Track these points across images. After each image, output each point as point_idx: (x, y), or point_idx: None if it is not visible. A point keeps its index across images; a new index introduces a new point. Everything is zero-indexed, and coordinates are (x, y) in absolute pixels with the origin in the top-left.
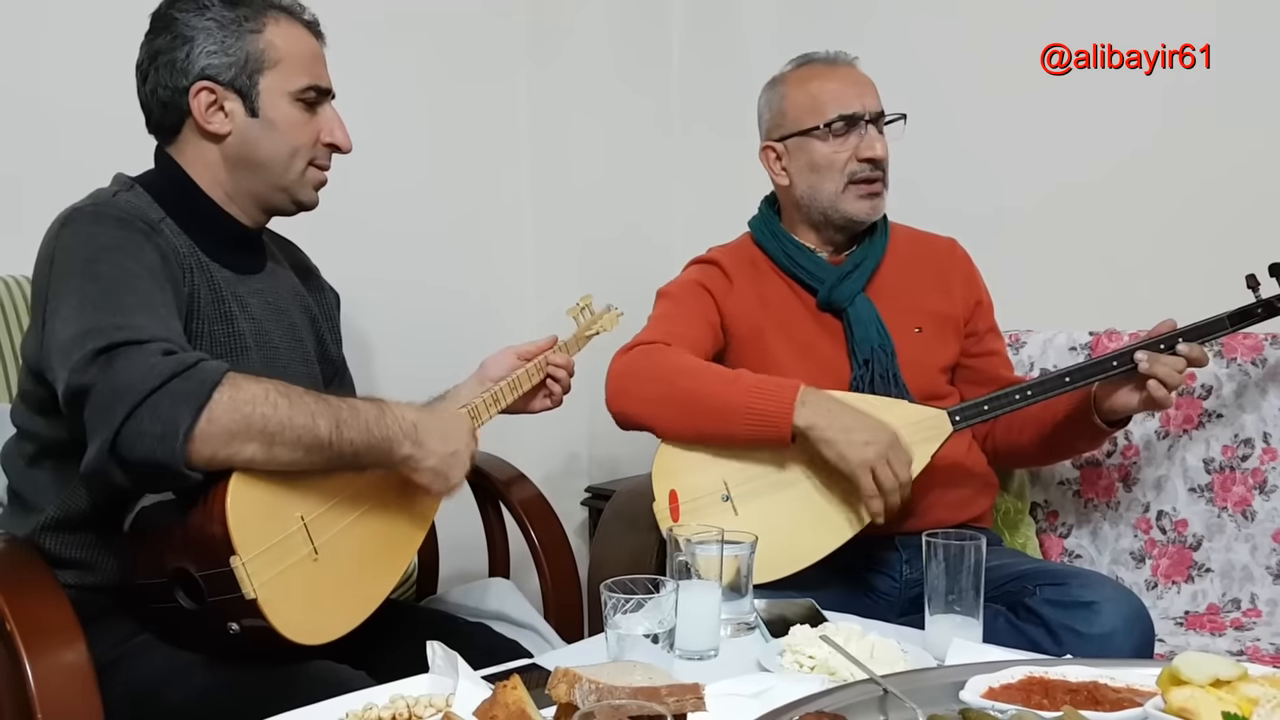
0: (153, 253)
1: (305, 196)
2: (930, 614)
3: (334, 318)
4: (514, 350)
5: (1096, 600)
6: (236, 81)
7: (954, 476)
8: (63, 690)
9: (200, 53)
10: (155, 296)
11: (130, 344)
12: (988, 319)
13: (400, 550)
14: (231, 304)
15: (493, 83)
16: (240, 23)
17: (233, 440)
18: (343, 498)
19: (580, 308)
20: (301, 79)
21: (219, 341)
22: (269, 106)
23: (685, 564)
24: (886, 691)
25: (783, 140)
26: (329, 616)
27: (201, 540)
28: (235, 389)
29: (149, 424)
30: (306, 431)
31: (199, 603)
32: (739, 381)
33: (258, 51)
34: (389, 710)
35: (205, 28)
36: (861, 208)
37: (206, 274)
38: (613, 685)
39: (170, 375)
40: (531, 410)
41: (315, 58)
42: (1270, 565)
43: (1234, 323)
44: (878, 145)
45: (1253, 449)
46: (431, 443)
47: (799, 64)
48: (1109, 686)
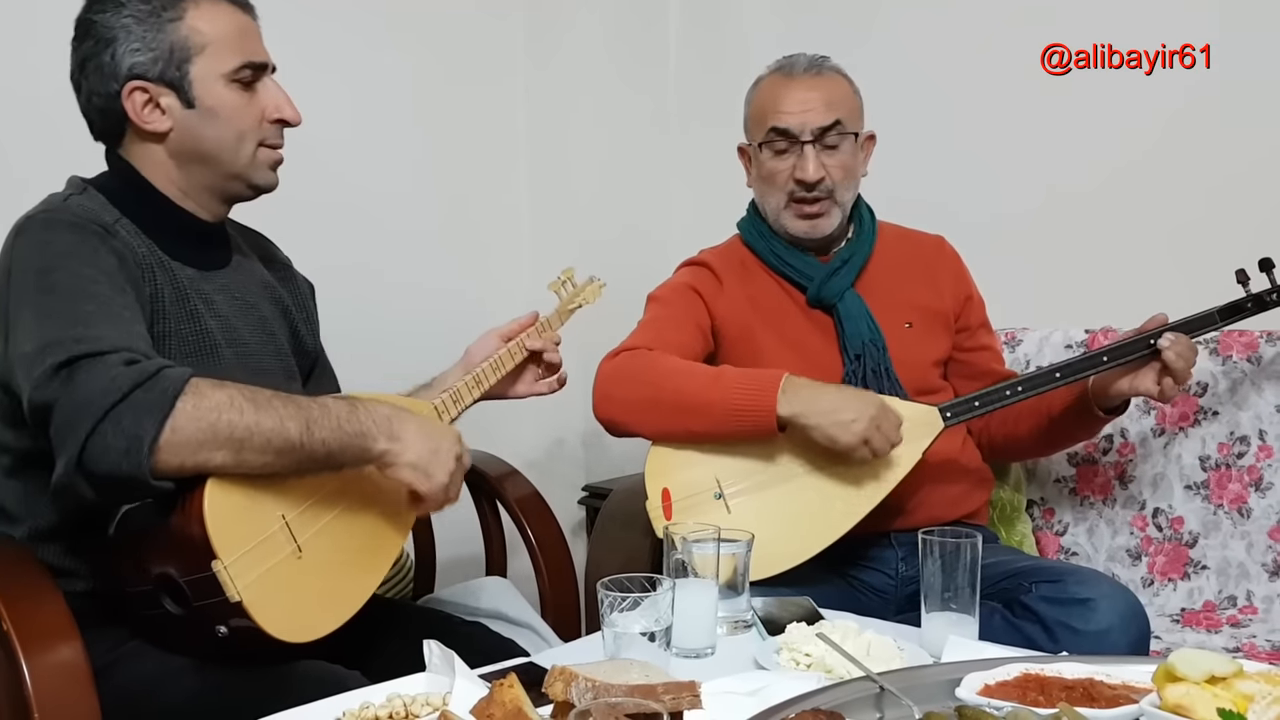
0: (109, 255)
1: (261, 179)
2: (926, 611)
3: (308, 308)
4: (496, 332)
5: (1093, 597)
6: (166, 75)
7: (948, 472)
8: (60, 690)
9: (124, 52)
10: (115, 301)
11: (90, 356)
12: (979, 314)
13: (386, 544)
14: (196, 302)
15: (490, 83)
16: (158, 14)
17: (200, 449)
18: (324, 493)
19: (562, 281)
20: (233, 59)
21: (186, 341)
22: (205, 94)
23: (682, 562)
24: (883, 689)
25: (752, 145)
26: (317, 614)
27: (182, 546)
28: (199, 396)
29: (113, 438)
30: (276, 435)
31: (185, 608)
32: (721, 378)
33: (181, 40)
34: (386, 709)
35: (124, 25)
36: (799, 226)
37: (169, 273)
38: (609, 683)
39: (132, 386)
40: (520, 395)
41: (245, 33)
42: (1266, 562)
43: (1224, 318)
44: (810, 167)
45: (1248, 446)
46: (408, 437)
47: (770, 70)
48: (1105, 683)
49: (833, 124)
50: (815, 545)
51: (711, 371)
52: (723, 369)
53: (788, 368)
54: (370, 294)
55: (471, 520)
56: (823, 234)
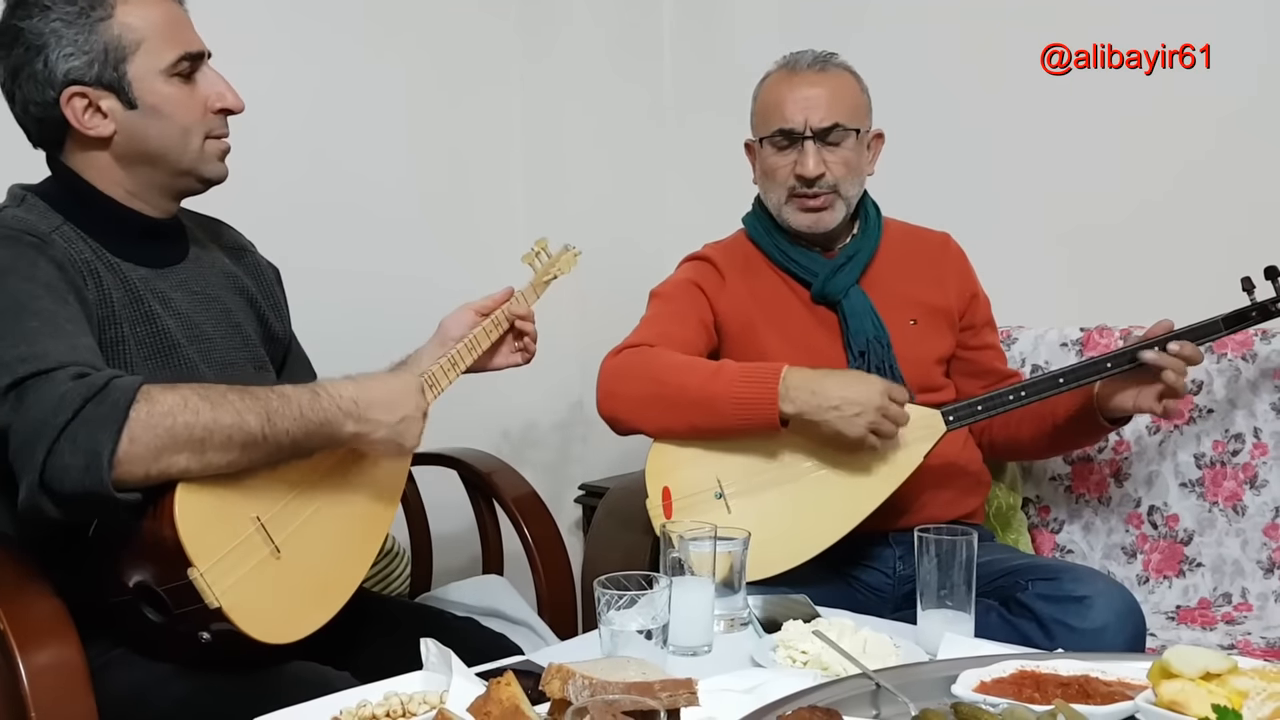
0: (47, 266)
1: (211, 171)
2: (922, 609)
3: (274, 294)
4: (471, 306)
5: (1088, 595)
6: (104, 77)
7: (947, 474)
8: (56, 689)
9: (57, 58)
10: (59, 314)
11: (37, 375)
12: (984, 313)
13: (369, 533)
14: (152, 302)
15: (485, 79)
16: (86, 14)
17: (160, 455)
18: (299, 490)
19: (535, 252)
20: (170, 52)
21: (144, 343)
22: (145, 92)
23: (679, 560)
24: (879, 686)
25: (758, 141)
26: (301, 612)
27: (157, 555)
28: (151, 402)
29: (70, 456)
30: (236, 430)
31: (166, 616)
32: (723, 372)
33: (114, 39)
34: (383, 707)
35: (53, 30)
36: (801, 220)
37: (118, 275)
38: (606, 681)
39: (83, 402)
40: (496, 367)
41: (177, 23)
42: (1261, 560)
43: (1228, 325)
44: (810, 162)
45: (1243, 444)
46: (375, 414)
47: (778, 65)
48: (1100, 680)
49: (833, 125)
50: (815, 547)
51: (712, 366)
52: (724, 363)
53: (791, 363)
54: (366, 291)
55: (468, 518)
56: (826, 228)
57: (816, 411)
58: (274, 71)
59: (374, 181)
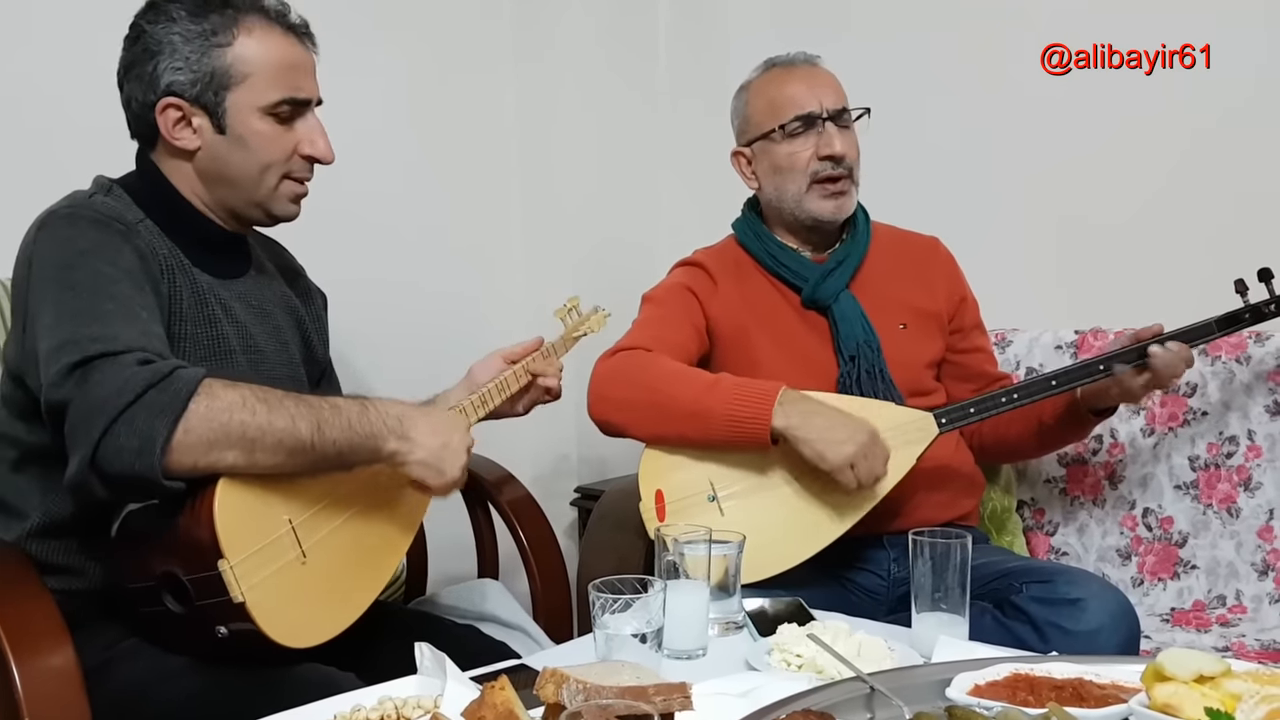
0: (130, 254)
1: (280, 211)
2: (917, 612)
3: (321, 319)
4: (500, 354)
5: (1083, 597)
6: (202, 98)
7: (941, 476)
8: (50, 693)
9: (165, 68)
10: (134, 300)
11: (105, 356)
12: (973, 316)
13: (387, 554)
14: (215, 307)
15: (480, 79)
16: (207, 37)
17: (211, 449)
18: (330, 500)
19: (567, 309)
20: (273, 93)
21: (202, 345)
22: (237, 123)
23: (673, 564)
24: (873, 689)
25: (749, 145)
26: (317, 620)
27: (189, 544)
28: (211, 397)
29: (126, 438)
30: (287, 435)
31: (187, 606)
32: (718, 386)
33: (224, 68)
34: (377, 711)
35: (170, 42)
36: (825, 207)
37: (188, 276)
38: (600, 685)
39: (146, 387)
40: (518, 414)
41: (293, 68)
42: (1255, 562)
43: (1221, 328)
44: (836, 142)
45: (1237, 446)
46: (418, 435)
47: (763, 69)
48: (1094, 683)
49: (843, 108)
50: (808, 549)
51: (709, 378)
52: (720, 377)
53: (782, 369)
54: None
55: (464, 522)
56: (846, 214)
57: (804, 431)
58: None
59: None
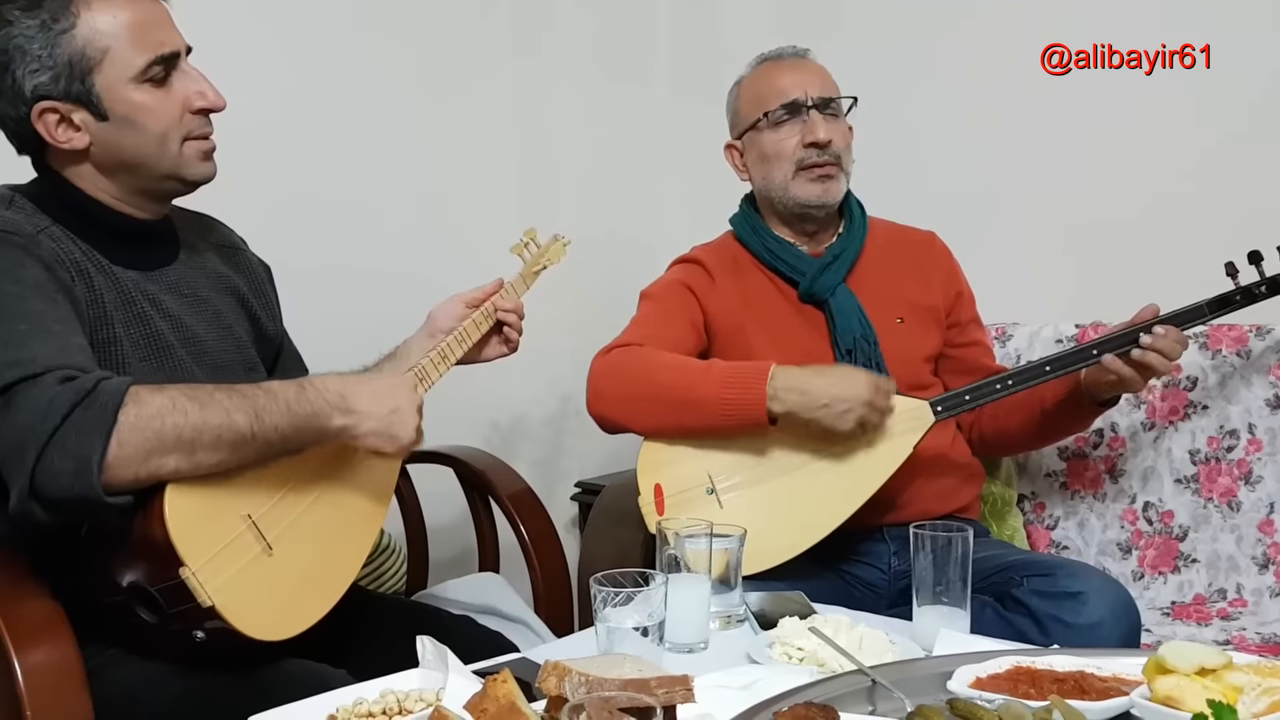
0: (34, 265)
1: (194, 173)
2: (918, 605)
3: (266, 293)
4: (461, 297)
5: (1084, 591)
6: (71, 91)
7: (939, 467)
8: (52, 688)
9: (23, 75)
10: (46, 315)
11: (24, 380)
12: (969, 310)
13: (363, 530)
14: (143, 304)
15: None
16: (49, 27)
17: (149, 457)
18: (292, 486)
19: (524, 243)
20: (139, 57)
21: (138, 345)
22: (115, 103)
23: (674, 557)
24: (875, 682)
25: (740, 137)
26: (295, 609)
27: (149, 555)
28: (139, 404)
29: (60, 462)
30: (225, 429)
31: (160, 615)
32: (710, 372)
33: (78, 51)
34: (379, 704)
35: (17, 46)
36: (811, 191)
37: (109, 277)
38: (602, 678)
39: (71, 406)
40: (485, 359)
41: (148, 24)
42: (1256, 555)
43: (1213, 310)
44: (819, 129)
45: (1238, 440)
46: (363, 406)
47: (755, 64)
48: (1095, 676)
49: (830, 97)
50: (808, 540)
51: (701, 366)
52: (712, 362)
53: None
54: (359, 286)
55: (464, 516)
56: (834, 198)
57: (806, 410)
58: (263, 68)
59: (366, 177)
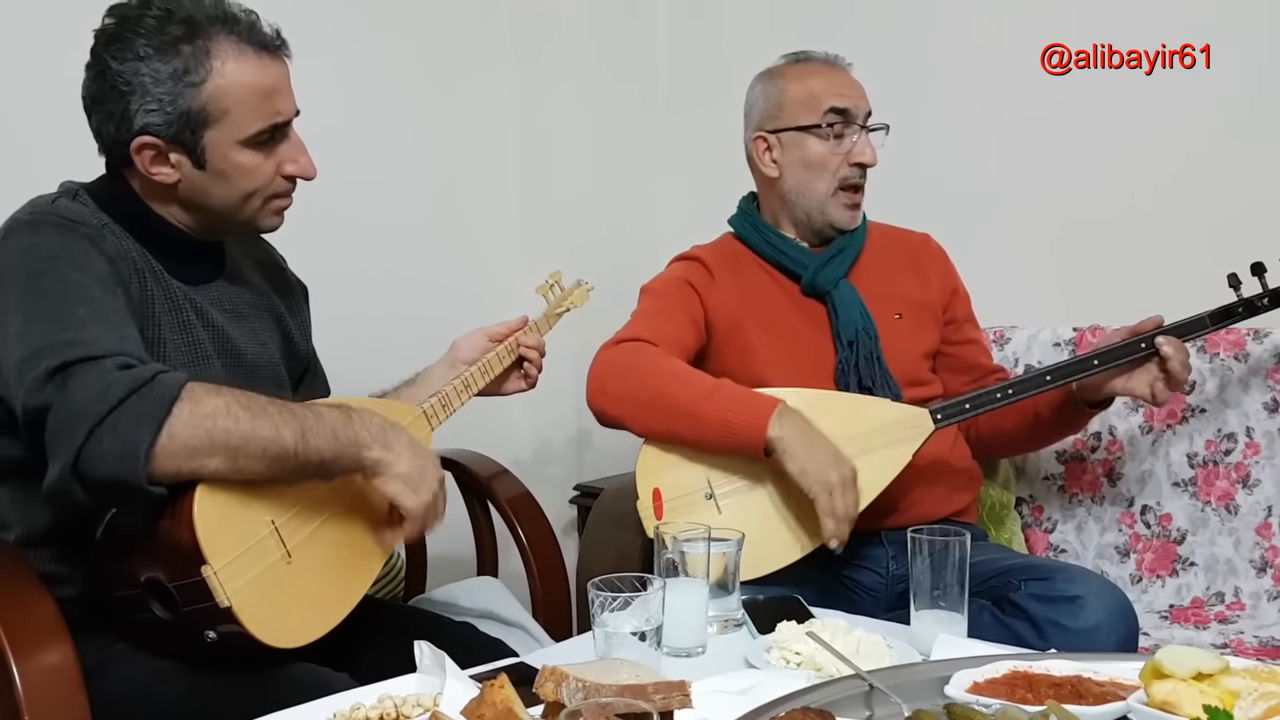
0: (98, 257)
1: (264, 225)
2: (915, 609)
3: (302, 312)
4: (485, 331)
5: (1081, 594)
6: (179, 138)
7: (938, 471)
8: (50, 692)
9: (138, 110)
10: (107, 304)
11: (85, 360)
12: (965, 308)
13: (374, 550)
14: (189, 313)
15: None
16: (179, 77)
17: (195, 455)
18: (314, 498)
19: (549, 285)
20: (253, 124)
21: (180, 350)
22: (217, 159)
23: (672, 562)
24: (872, 687)
25: (776, 133)
26: (307, 619)
27: (171, 551)
28: (195, 403)
29: (109, 444)
30: (271, 443)
31: (174, 612)
32: (718, 393)
33: (200, 107)
34: (376, 710)
35: (140, 83)
36: (845, 216)
37: (161, 282)
38: (600, 683)
39: (128, 392)
40: (504, 393)
41: (270, 92)
42: (1253, 559)
43: (1215, 322)
44: (868, 151)
45: (1236, 443)
46: (401, 448)
47: (797, 59)
48: (1093, 680)
49: (869, 113)
50: (806, 546)
51: (710, 383)
52: (722, 382)
53: (779, 358)
54: (362, 290)
55: (462, 520)
56: (857, 224)
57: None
58: None
59: (366, 180)
